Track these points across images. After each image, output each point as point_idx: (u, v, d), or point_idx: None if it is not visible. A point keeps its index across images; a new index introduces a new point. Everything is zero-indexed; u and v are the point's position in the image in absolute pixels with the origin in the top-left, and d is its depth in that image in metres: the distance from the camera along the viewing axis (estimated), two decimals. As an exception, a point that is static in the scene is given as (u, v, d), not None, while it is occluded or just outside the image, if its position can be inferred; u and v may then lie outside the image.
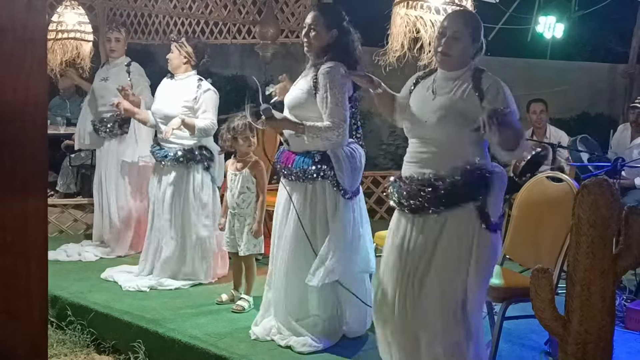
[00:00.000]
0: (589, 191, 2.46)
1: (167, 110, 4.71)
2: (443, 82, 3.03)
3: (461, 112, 2.93)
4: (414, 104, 3.10)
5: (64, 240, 5.70)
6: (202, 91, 4.70)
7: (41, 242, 1.43)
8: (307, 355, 3.55)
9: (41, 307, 1.43)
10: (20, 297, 1.44)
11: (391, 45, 4.00)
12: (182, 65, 4.76)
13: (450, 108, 2.95)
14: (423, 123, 3.01)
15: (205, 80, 4.79)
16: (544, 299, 2.53)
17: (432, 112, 2.98)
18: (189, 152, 4.68)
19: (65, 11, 5.81)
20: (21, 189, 1.41)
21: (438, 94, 3.01)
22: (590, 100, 9.56)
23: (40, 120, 1.41)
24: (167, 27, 7.23)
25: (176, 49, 4.75)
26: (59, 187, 7.07)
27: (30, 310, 1.42)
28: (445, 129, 2.94)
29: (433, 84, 3.05)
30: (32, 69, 1.40)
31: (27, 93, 1.40)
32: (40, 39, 1.43)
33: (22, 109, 1.40)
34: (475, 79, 2.95)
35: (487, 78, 2.96)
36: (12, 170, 1.43)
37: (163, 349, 3.80)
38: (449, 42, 2.96)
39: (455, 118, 2.93)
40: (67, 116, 7.32)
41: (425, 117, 3.00)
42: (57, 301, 4.38)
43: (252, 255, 4.29)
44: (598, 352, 2.52)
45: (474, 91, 2.93)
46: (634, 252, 2.51)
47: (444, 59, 3.00)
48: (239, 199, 4.25)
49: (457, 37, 2.96)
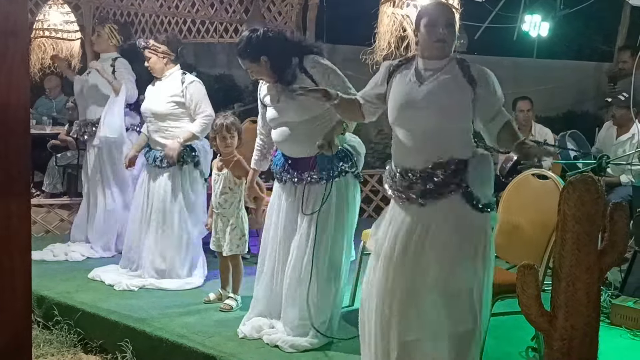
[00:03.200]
0: (574, 188, 2.48)
1: (155, 108, 4.71)
2: (427, 72, 3.03)
3: (451, 96, 2.95)
4: (398, 94, 3.07)
5: (50, 240, 5.68)
6: (187, 84, 4.69)
7: (25, 238, 1.42)
8: (294, 355, 3.55)
9: (25, 302, 1.43)
10: (4, 292, 1.43)
11: (378, 44, 4.01)
12: (164, 66, 4.74)
13: (439, 93, 2.96)
14: (412, 112, 3.01)
15: (188, 74, 4.78)
16: (530, 295, 2.55)
17: (420, 99, 2.98)
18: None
19: (50, 10, 5.77)
20: (4, 181, 1.39)
21: (424, 83, 3.01)
22: (576, 98, 9.62)
23: (23, 112, 1.40)
24: (153, 26, 7.20)
25: (151, 53, 4.72)
26: (45, 187, 7.02)
27: (14, 305, 1.41)
28: (436, 113, 2.95)
29: (414, 74, 3.05)
30: (14, 63, 1.39)
31: (9, 87, 1.39)
32: (23, 32, 1.42)
33: (4, 103, 1.39)
34: (463, 68, 2.99)
35: (474, 66, 3.00)
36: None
37: (150, 348, 3.79)
38: (444, 29, 2.98)
39: (445, 102, 2.94)
40: (53, 116, 7.28)
41: (413, 104, 3.00)
42: (44, 301, 4.36)
43: (237, 254, 4.28)
44: (584, 348, 2.54)
45: (465, 79, 2.96)
46: (618, 248, 2.53)
47: (441, 46, 3.00)
48: (221, 199, 4.24)
49: (451, 24, 3.01)
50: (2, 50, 1.40)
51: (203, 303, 4.32)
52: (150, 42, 4.72)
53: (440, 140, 2.95)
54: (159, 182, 4.72)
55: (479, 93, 2.93)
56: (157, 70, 4.74)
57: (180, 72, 4.77)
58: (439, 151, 2.94)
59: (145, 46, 4.71)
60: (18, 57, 1.39)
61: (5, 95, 1.39)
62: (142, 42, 4.73)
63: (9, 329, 1.43)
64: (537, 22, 8.51)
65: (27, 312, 1.46)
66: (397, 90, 3.09)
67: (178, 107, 4.67)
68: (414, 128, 3.00)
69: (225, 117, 4.27)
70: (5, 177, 1.41)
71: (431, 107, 2.95)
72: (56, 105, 7.52)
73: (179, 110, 4.69)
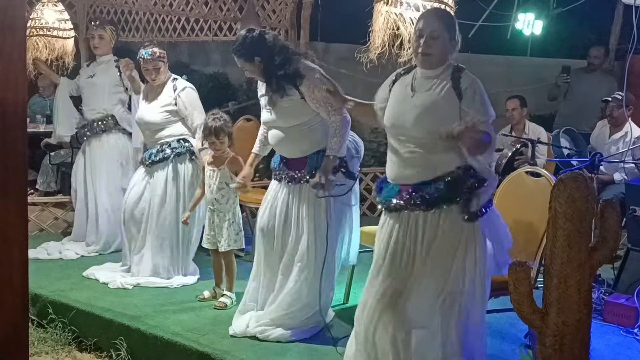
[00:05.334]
0: (565, 185, 2.50)
1: (148, 118, 4.71)
2: (423, 80, 3.04)
3: (439, 110, 2.94)
4: (393, 102, 3.10)
5: (45, 239, 5.66)
6: (180, 91, 4.68)
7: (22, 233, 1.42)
8: (288, 350, 3.57)
9: (22, 297, 1.43)
10: (1, 287, 1.43)
11: (373, 42, 4.02)
12: (165, 74, 4.73)
13: (429, 106, 2.96)
14: (402, 122, 3.02)
15: (180, 78, 4.76)
16: (522, 293, 2.57)
17: (410, 110, 2.99)
18: (172, 149, 4.67)
19: (44, 8, 5.76)
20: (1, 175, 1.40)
21: (417, 91, 3.02)
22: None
23: (20, 107, 1.40)
24: (147, 24, 7.20)
25: (161, 62, 4.65)
26: (39, 185, 7.00)
27: (11, 300, 1.42)
28: (424, 127, 2.95)
29: (413, 81, 3.06)
30: (11, 57, 1.39)
31: (7, 83, 1.39)
32: (20, 28, 1.42)
33: (2, 97, 1.39)
34: (454, 78, 2.97)
35: (465, 77, 2.97)
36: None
37: (145, 346, 3.79)
38: (428, 42, 2.97)
39: (433, 116, 2.93)
40: (47, 114, 7.27)
41: (404, 115, 3.01)
42: (38, 299, 4.35)
43: (231, 251, 4.29)
44: (575, 344, 2.56)
45: (453, 90, 2.95)
46: (609, 244, 2.55)
47: (425, 59, 3.01)
48: (217, 194, 4.25)
49: (435, 37, 2.97)
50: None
51: (197, 301, 4.32)
52: (157, 52, 4.64)
53: (429, 151, 2.96)
54: (154, 180, 4.72)
55: (463, 109, 2.92)
56: (162, 79, 4.71)
57: (171, 77, 4.76)
58: (430, 163, 2.96)
59: (154, 58, 4.61)
60: (15, 52, 1.39)
61: (3, 91, 1.40)
62: (149, 56, 4.60)
63: (6, 322, 1.44)
64: (530, 21, 8.53)
65: (24, 307, 1.46)
66: (393, 99, 3.11)
67: (171, 116, 4.69)
68: (406, 139, 3.00)
69: (215, 119, 4.20)
70: (2, 170, 1.42)
71: (418, 118, 2.96)
72: (50, 104, 7.49)
73: (173, 118, 4.70)
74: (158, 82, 4.70)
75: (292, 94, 3.67)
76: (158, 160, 4.69)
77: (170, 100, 4.67)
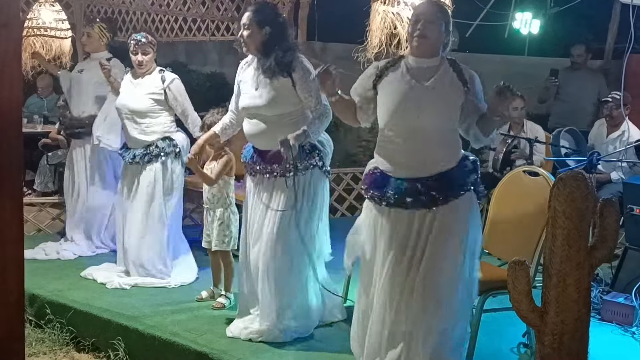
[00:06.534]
0: (565, 184, 2.49)
1: (133, 105, 4.67)
2: (419, 72, 3.04)
3: (449, 100, 3.01)
4: (392, 97, 3.07)
5: (42, 239, 5.65)
6: (169, 83, 4.67)
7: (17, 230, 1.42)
8: (286, 351, 3.57)
9: (18, 293, 1.43)
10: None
11: (370, 42, 4.02)
12: (154, 63, 4.75)
13: (445, 94, 3.01)
14: (411, 114, 3.01)
15: (166, 70, 4.75)
16: (521, 291, 2.56)
17: (424, 97, 3.00)
18: (159, 148, 4.65)
19: (41, 8, 5.74)
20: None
21: (419, 82, 3.03)
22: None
23: (15, 105, 1.39)
24: (144, 24, 7.19)
25: (151, 48, 4.67)
26: (36, 185, 7.00)
27: (7, 298, 1.41)
28: (436, 117, 2.99)
29: (407, 74, 3.06)
30: (6, 54, 1.38)
31: (2, 80, 1.38)
32: (15, 24, 1.41)
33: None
34: (456, 69, 3.05)
35: (466, 69, 3.07)
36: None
37: (143, 346, 3.79)
38: (425, 25, 3.00)
39: (447, 105, 3.00)
40: (44, 114, 7.26)
41: (412, 107, 3.01)
42: (36, 300, 4.35)
43: (229, 252, 4.28)
44: (574, 343, 2.56)
45: (459, 81, 3.03)
46: (608, 243, 2.55)
47: (422, 42, 3.01)
48: (209, 193, 4.25)
49: (433, 20, 3.01)
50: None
51: (195, 301, 4.31)
52: (149, 37, 4.70)
53: (439, 142, 3.00)
54: (141, 179, 4.69)
55: (469, 97, 3.02)
56: (149, 66, 4.72)
57: (158, 69, 4.75)
58: (439, 153, 2.99)
59: (147, 41, 4.67)
60: (10, 49, 1.39)
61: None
62: (143, 38, 4.65)
63: (2, 320, 1.43)
64: (528, 20, 8.54)
65: (19, 305, 1.46)
66: (392, 90, 3.08)
67: (157, 105, 4.67)
68: (414, 131, 3.00)
69: (215, 116, 4.26)
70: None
71: (434, 105, 2.98)
72: (47, 104, 7.50)
73: (158, 107, 4.68)
74: (144, 69, 4.70)
75: (284, 77, 3.65)
76: (147, 160, 4.66)
77: (157, 89, 4.65)
